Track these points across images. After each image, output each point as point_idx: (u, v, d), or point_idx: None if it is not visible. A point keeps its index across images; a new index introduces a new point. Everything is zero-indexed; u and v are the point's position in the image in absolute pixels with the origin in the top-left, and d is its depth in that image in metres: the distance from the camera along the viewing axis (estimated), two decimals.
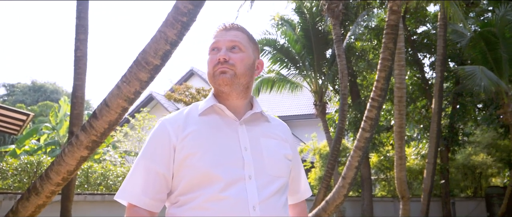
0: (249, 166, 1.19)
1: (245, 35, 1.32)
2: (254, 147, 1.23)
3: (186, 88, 10.61)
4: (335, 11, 9.57)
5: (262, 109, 1.34)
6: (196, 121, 1.25)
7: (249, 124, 1.28)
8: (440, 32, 10.50)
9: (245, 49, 1.29)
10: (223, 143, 1.21)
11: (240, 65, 1.25)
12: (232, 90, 1.26)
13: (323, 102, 12.49)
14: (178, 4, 2.80)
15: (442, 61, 10.54)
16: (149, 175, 1.19)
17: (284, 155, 1.30)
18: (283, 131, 1.37)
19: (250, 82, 1.31)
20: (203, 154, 1.17)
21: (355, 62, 13.49)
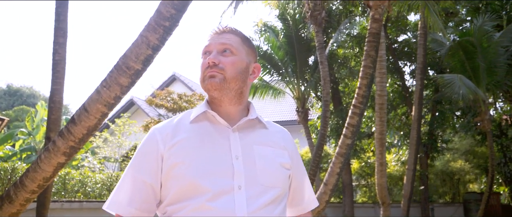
0: (239, 175, 1.12)
1: (238, 37, 1.26)
2: (247, 156, 1.16)
3: (168, 94, 10.48)
4: (318, 18, 9.64)
5: (258, 115, 1.27)
6: (186, 129, 1.20)
7: (243, 131, 1.21)
8: (420, 41, 10.71)
9: (237, 52, 1.22)
10: (212, 152, 1.15)
11: (230, 69, 1.19)
12: (223, 95, 1.20)
13: (306, 109, 12.55)
14: (161, 9, 2.76)
15: (422, 69, 10.74)
16: (136, 185, 1.16)
17: (280, 163, 1.21)
18: (283, 138, 1.29)
19: (244, 87, 1.23)
20: (190, 163, 1.12)
21: (337, 69, 13.62)
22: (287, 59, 12.63)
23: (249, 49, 1.28)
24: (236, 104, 1.24)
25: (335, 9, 12.85)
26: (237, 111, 1.24)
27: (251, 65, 1.27)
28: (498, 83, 10.54)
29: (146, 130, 9.93)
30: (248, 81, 1.26)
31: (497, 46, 10.21)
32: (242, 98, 1.24)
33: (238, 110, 1.25)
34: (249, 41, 1.30)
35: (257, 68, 1.30)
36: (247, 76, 1.25)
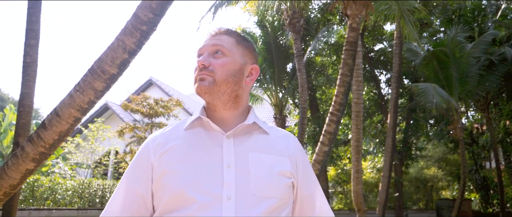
0: (229, 185, 1.04)
1: (232, 38, 1.19)
2: (240, 164, 1.08)
3: (144, 98, 10.29)
4: (296, 26, 9.71)
5: (259, 120, 1.19)
6: (179, 136, 1.15)
7: (238, 138, 1.13)
8: (396, 50, 10.92)
9: (229, 53, 1.15)
10: (203, 160, 1.08)
11: (220, 71, 1.12)
12: (215, 99, 1.13)
13: (283, 116, 12.59)
14: (138, 12, 2.70)
15: (397, 78, 10.95)
16: (127, 196, 1.13)
17: (278, 172, 1.10)
18: (286, 145, 1.18)
19: (239, 90, 1.15)
20: (178, 172, 1.07)
21: (314, 76, 13.74)
22: (266, 66, 12.66)
23: (245, 50, 1.20)
24: (231, 108, 1.16)
25: (313, 17, 12.98)
26: (233, 116, 1.17)
27: (247, 66, 1.19)
28: (470, 92, 10.85)
29: (121, 136, 9.72)
30: (244, 84, 1.17)
31: (469, 56, 10.52)
32: (238, 102, 1.16)
33: (235, 115, 1.17)
34: (246, 42, 1.22)
35: (255, 70, 1.21)
36: (242, 78, 1.16)
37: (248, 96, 1.22)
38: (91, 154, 10.88)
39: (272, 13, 12.04)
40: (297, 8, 9.31)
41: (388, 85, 14.09)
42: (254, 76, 1.21)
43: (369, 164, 15.16)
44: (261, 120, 1.21)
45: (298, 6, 7.86)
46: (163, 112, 10.22)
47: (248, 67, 1.19)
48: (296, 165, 1.16)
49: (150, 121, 10.13)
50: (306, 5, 8.53)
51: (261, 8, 11.26)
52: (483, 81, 10.90)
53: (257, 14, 12.57)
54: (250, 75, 1.20)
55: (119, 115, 15.14)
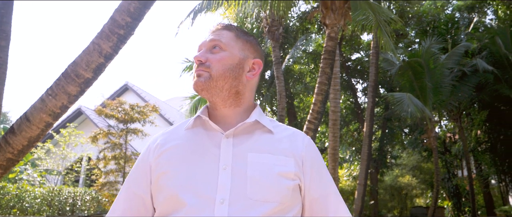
0: (223, 188, 0.98)
1: (231, 32, 1.14)
2: (238, 165, 1.01)
3: (119, 104, 10.06)
4: (275, 34, 9.74)
5: (263, 118, 1.11)
6: (179, 136, 1.11)
7: (239, 137, 1.07)
8: (373, 60, 11.10)
9: (227, 47, 1.10)
10: (199, 161, 1.03)
11: (216, 66, 1.07)
12: (213, 96, 1.08)
13: None
14: (116, 16, 2.63)
15: (373, 87, 11.11)
16: (128, 197, 1.11)
17: (279, 173, 1.02)
18: (291, 144, 1.09)
19: (239, 86, 1.10)
20: (173, 173, 1.03)
21: (292, 84, 13.81)
22: None
23: (246, 43, 1.14)
24: (232, 106, 1.10)
25: (292, 25, 13.07)
26: (234, 114, 1.11)
27: (248, 60, 1.13)
28: (443, 102, 11.11)
29: (94, 141, 9.47)
30: (245, 79, 1.11)
31: (442, 67, 10.79)
32: (239, 99, 1.11)
33: (236, 113, 1.11)
34: (246, 36, 1.16)
35: (257, 64, 1.14)
36: (242, 73, 1.10)
37: (252, 92, 1.15)
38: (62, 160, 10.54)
39: (251, 20, 12.07)
40: (277, 16, 9.35)
41: (365, 94, 14.30)
42: (257, 71, 1.14)
43: (345, 172, 15.31)
44: (268, 118, 1.15)
45: (277, 14, 7.86)
46: (138, 117, 10.01)
47: (249, 61, 1.13)
48: (302, 165, 1.07)
49: (125, 127, 9.91)
50: (286, 14, 8.55)
51: (240, 16, 11.27)
52: (455, 91, 11.19)
53: (236, 21, 12.56)
54: (252, 70, 1.13)
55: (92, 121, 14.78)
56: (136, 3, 2.71)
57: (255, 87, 1.16)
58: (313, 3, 12.41)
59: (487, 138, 13.01)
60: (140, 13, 2.68)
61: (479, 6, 13.04)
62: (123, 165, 9.30)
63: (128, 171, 9.49)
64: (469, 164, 12.51)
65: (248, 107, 1.13)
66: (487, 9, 13.51)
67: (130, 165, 9.52)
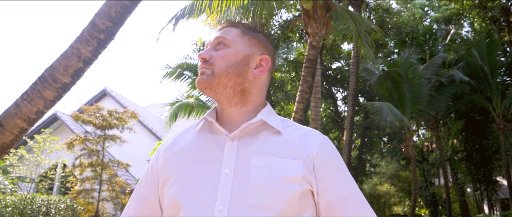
0: (224, 194, 0.93)
1: (237, 29, 1.08)
2: (240, 170, 0.95)
3: (97, 109, 9.84)
4: None
5: (271, 118, 1.04)
6: (186, 139, 1.06)
7: (244, 139, 1.00)
8: (353, 69, 11.23)
9: (231, 44, 1.04)
10: (201, 165, 0.98)
11: (219, 63, 1.02)
12: (217, 94, 1.02)
13: None
14: (96, 20, 2.56)
15: (354, 96, 11.23)
16: (138, 200, 1.11)
17: (285, 178, 0.94)
18: (302, 145, 1.00)
19: (244, 83, 1.03)
20: (176, 178, 0.99)
21: (274, 92, 13.83)
22: None
23: (253, 39, 1.08)
24: (238, 105, 1.04)
25: (273, 33, 13.12)
26: (241, 114, 1.05)
27: (254, 57, 1.06)
28: (421, 112, 11.31)
29: (70, 148, 9.21)
30: (251, 76, 1.04)
31: (421, 77, 10.99)
32: (245, 97, 1.04)
33: (243, 113, 1.05)
34: (254, 32, 1.10)
35: (265, 60, 1.07)
36: (247, 69, 1.04)
37: (261, 91, 1.08)
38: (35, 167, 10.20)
39: None
40: (259, 24, 9.35)
41: (345, 103, 14.44)
42: (265, 68, 1.07)
43: None
44: (280, 117, 1.08)
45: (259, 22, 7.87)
46: (117, 124, 9.81)
47: (256, 58, 1.06)
48: (313, 168, 0.98)
49: (103, 133, 9.70)
50: (268, 22, 8.58)
51: (222, 23, 11.22)
52: (433, 101, 11.40)
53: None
54: (259, 67, 1.06)
55: (69, 126, 14.40)
56: (118, 7, 2.65)
57: (264, 85, 1.09)
58: (295, 12, 12.51)
59: (463, 147, 13.30)
60: (121, 18, 2.61)
61: (456, 19, 13.40)
62: (99, 172, 9.07)
63: (104, 179, 9.27)
64: (446, 172, 12.74)
65: (256, 106, 1.06)
66: (463, 21, 13.91)
67: (107, 172, 9.29)
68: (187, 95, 13.26)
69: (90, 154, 9.25)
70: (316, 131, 1.05)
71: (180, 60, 12.33)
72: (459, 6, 12.76)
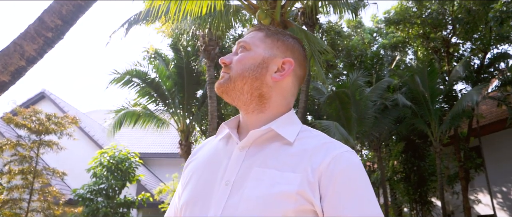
0: (217, 205, 0.88)
1: (261, 33, 1.02)
2: (240, 181, 0.89)
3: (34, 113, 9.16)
4: (211, 53, 9.63)
5: (283, 127, 0.95)
6: (208, 146, 1.06)
7: (254, 149, 0.93)
8: (303, 87, 11.40)
9: (251, 47, 0.99)
10: (208, 174, 0.95)
11: (236, 66, 0.96)
12: (234, 99, 0.98)
13: (189, 142, 12.23)
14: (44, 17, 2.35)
15: (303, 114, 11.37)
16: (172, 206, 1.10)
17: (279, 193, 0.84)
18: (311, 158, 0.88)
19: (262, 88, 0.96)
20: (185, 188, 0.99)
21: (224, 105, 13.71)
22: (175, 90, 12.30)
23: (277, 42, 1.01)
24: (255, 111, 0.97)
25: (227, 46, 13.07)
26: (258, 121, 0.97)
27: (276, 59, 0.99)
28: (366, 132, 11.71)
29: None
30: (270, 80, 0.97)
31: (367, 99, 11.41)
32: (263, 103, 0.97)
33: (260, 120, 0.97)
34: (279, 35, 1.03)
35: (288, 63, 0.99)
36: (265, 73, 0.97)
37: (282, 96, 0.99)
38: None
39: (187, 37, 11.86)
40: (214, 36, 9.26)
41: None
42: (287, 71, 0.98)
43: None
44: (304, 127, 0.99)
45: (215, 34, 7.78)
46: (55, 129, 9.17)
47: (277, 61, 0.99)
48: (317, 184, 0.86)
49: (38, 138, 9.02)
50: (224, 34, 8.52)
51: (176, 31, 11.01)
52: (377, 123, 11.86)
53: (172, 37, 12.27)
54: (281, 70, 0.98)
55: None
56: (70, 6, 2.44)
57: (287, 91, 1.00)
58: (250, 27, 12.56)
59: (402, 168, 13.92)
60: (72, 17, 2.42)
61: (401, 46, 14.16)
62: (31, 180, 8.39)
63: (36, 188, 8.59)
64: (386, 192, 13.25)
65: (276, 113, 0.98)
66: (408, 49, 14.74)
67: (39, 181, 8.62)
68: (134, 103, 12.80)
69: (21, 160, 8.55)
70: (337, 144, 0.93)
71: (129, 66, 11.88)
72: (405, 34, 13.53)
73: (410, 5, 13.04)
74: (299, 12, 11.32)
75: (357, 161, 0.90)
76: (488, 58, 12.89)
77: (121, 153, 9.81)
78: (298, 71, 1.01)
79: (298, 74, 1.02)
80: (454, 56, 13.65)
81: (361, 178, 0.87)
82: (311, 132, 0.98)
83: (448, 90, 12.08)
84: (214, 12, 6.76)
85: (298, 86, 1.04)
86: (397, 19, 12.89)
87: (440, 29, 13.11)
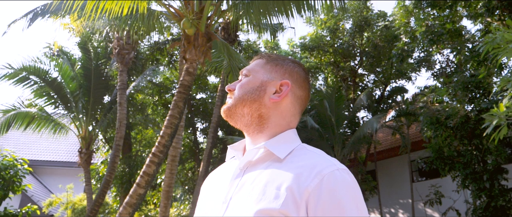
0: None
1: (262, 59, 1.10)
2: (234, 199, 0.94)
3: None
4: (125, 57, 9.11)
5: (278, 145, 0.98)
6: (220, 169, 1.12)
7: (251, 166, 0.98)
8: (218, 102, 11.33)
9: (251, 73, 1.07)
10: (213, 194, 1.02)
11: (237, 91, 1.05)
12: (237, 121, 1.05)
13: (90, 151, 11.30)
14: None
15: (215, 129, 11.27)
16: None
17: (262, 209, 0.85)
18: (298, 177, 0.88)
19: (261, 109, 1.02)
20: (198, 209, 1.07)
21: (132, 114, 13.02)
22: (80, 93, 11.33)
23: (276, 66, 1.08)
24: (255, 131, 1.03)
25: (142, 53, 12.52)
26: (259, 141, 1.02)
27: (274, 82, 1.05)
28: None
29: None
30: (269, 101, 1.02)
31: None
32: (262, 123, 1.02)
33: (260, 139, 1.02)
34: (278, 60, 1.10)
35: (285, 85, 1.04)
36: (263, 95, 1.03)
37: (282, 116, 1.04)
38: None
39: (99, 38, 11.08)
40: (131, 40, 8.77)
41: (204, 134, 14.43)
42: (284, 92, 1.03)
43: (174, 211, 14.84)
44: (302, 145, 1.02)
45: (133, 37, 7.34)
46: None
47: (275, 83, 1.05)
48: (305, 204, 0.85)
49: None
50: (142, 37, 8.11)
51: (87, 30, 10.20)
52: None
53: (81, 35, 11.35)
54: (279, 92, 1.04)
55: None
56: None
57: (287, 111, 1.05)
58: (168, 35, 12.22)
59: None
60: None
61: (314, 71, 14.91)
62: None
63: None
64: None
65: (275, 133, 1.02)
66: (319, 75, 15.59)
67: None
68: (29, 103, 11.51)
69: None
70: (329, 162, 0.92)
71: (27, 62, 10.68)
72: (318, 60, 14.33)
73: (325, 34, 13.89)
74: (220, 26, 11.34)
75: (348, 180, 0.90)
76: (388, 90, 14.24)
77: (6, 159, 8.65)
78: (298, 91, 1.07)
79: (297, 95, 1.07)
80: (359, 86, 14.80)
81: (350, 198, 0.87)
82: (306, 150, 1.00)
83: (352, 117, 12.97)
84: (135, 14, 6.40)
85: (299, 106, 1.08)
86: (311, 45, 13.61)
87: (349, 59, 14.14)
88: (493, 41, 4.75)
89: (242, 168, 0.98)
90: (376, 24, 13.41)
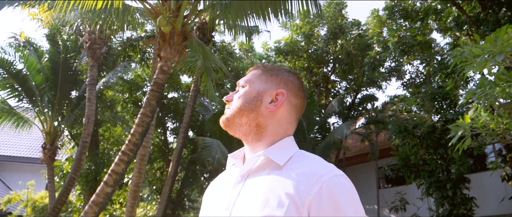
0: None
1: (258, 70, 1.14)
2: (237, 206, 0.96)
3: None
4: (96, 52, 8.85)
5: (277, 153, 1.01)
6: (222, 176, 1.15)
7: (252, 174, 1.01)
8: (190, 102, 11.21)
9: (247, 83, 1.10)
10: (215, 202, 1.04)
11: (235, 102, 1.08)
12: (236, 131, 1.08)
13: (55, 147, 10.90)
14: None
15: (186, 129, 11.14)
16: None
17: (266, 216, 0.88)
18: (299, 185, 0.90)
19: (258, 118, 1.05)
20: (201, 214, 1.09)
21: (101, 110, 12.67)
22: (46, 87, 10.92)
23: (271, 77, 1.11)
24: (254, 140, 1.06)
25: (114, 48, 12.22)
26: (258, 149, 1.05)
27: (269, 92, 1.08)
28: None
29: None
30: (265, 110, 1.05)
31: None
32: (260, 132, 1.05)
33: (259, 147, 1.05)
34: (274, 70, 1.14)
35: (280, 94, 1.07)
36: (259, 104, 1.06)
37: (279, 125, 1.07)
38: None
39: (69, 31, 10.72)
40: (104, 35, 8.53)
41: (175, 134, 14.23)
42: (280, 101, 1.06)
43: (140, 211, 14.54)
44: (300, 152, 1.04)
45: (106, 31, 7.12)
46: None
47: (271, 93, 1.08)
48: (307, 211, 0.88)
49: None
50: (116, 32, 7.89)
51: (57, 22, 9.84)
52: None
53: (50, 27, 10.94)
54: (274, 101, 1.07)
55: None
56: None
57: (283, 119, 1.08)
58: (141, 32, 11.99)
59: None
60: None
61: None
62: None
63: None
64: None
65: (272, 141, 1.05)
66: None
67: None
68: None
69: None
70: (327, 168, 0.95)
71: None
72: (292, 65, 14.41)
73: (299, 39, 14.01)
74: (196, 26, 11.22)
75: (346, 185, 0.93)
76: (359, 97, 14.49)
77: None
78: (293, 100, 1.09)
79: (293, 103, 1.09)
80: (331, 92, 15.01)
81: (349, 202, 0.91)
82: (304, 156, 1.01)
83: (323, 122, 13.11)
84: (110, 8, 6.23)
85: (295, 114, 1.11)
86: (286, 50, 13.69)
87: (323, 65, 14.32)
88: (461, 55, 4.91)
89: (243, 175, 1.01)
90: (350, 32, 13.65)
